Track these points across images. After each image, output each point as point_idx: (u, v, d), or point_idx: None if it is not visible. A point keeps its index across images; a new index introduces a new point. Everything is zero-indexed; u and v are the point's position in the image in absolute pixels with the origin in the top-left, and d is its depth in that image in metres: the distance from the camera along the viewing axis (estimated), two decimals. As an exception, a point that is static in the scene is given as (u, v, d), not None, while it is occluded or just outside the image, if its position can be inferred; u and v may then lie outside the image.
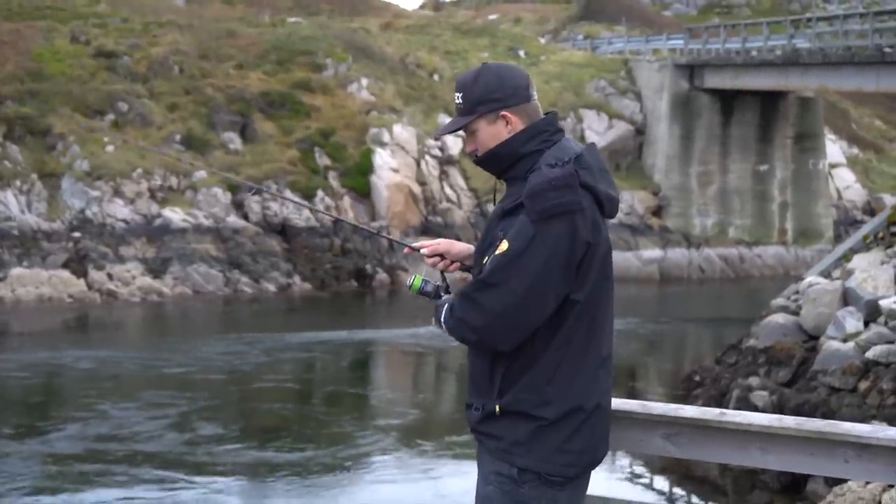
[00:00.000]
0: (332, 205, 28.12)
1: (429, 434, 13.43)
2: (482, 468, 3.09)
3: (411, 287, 3.26)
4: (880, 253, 14.36)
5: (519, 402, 2.99)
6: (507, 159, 3.03)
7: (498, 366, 3.03)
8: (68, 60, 30.00)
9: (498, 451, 3.02)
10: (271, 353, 19.09)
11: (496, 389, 3.02)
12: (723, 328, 20.98)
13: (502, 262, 2.88)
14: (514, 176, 3.02)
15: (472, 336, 2.97)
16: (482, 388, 3.07)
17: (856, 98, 40.06)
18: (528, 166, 2.99)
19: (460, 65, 34.62)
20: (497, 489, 3.01)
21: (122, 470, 11.64)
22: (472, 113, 3.08)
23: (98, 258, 24.99)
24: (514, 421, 3.00)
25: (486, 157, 3.06)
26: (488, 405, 3.05)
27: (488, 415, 3.04)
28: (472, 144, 3.12)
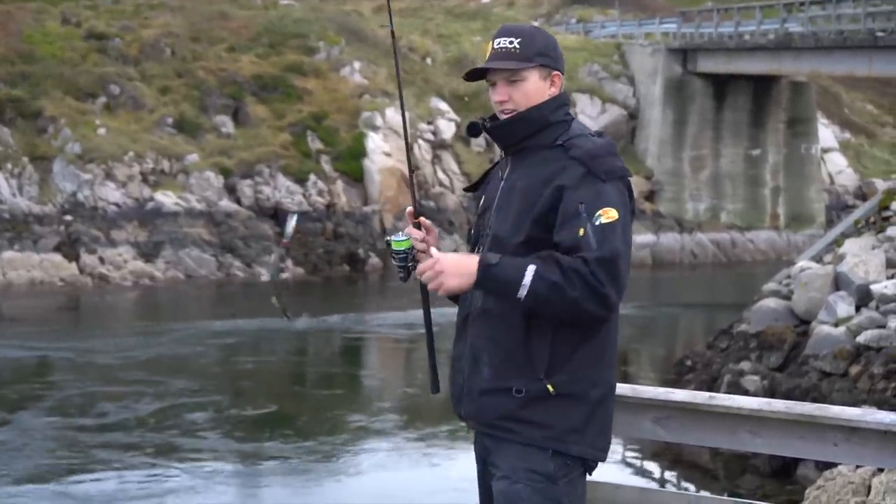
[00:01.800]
0: (324, 189, 28.07)
1: (422, 418, 13.45)
2: (504, 464, 2.83)
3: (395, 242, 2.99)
4: (871, 237, 14.39)
5: (577, 381, 2.80)
6: (536, 124, 2.88)
7: (539, 339, 2.79)
8: (59, 42, 29.85)
9: (544, 440, 2.78)
10: (263, 338, 19.08)
11: (543, 367, 2.78)
12: (714, 313, 21.02)
13: (615, 229, 2.72)
14: (535, 145, 2.89)
15: (603, 311, 2.71)
16: (519, 366, 2.80)
17: (848, 83, 40.05)
18: (554, 135, 2.88)
19: (453, 48, 34.54)
20: (528, 487, 2.78)
21: (112, 456, 11.64)
22: (531, 61, 2.88)
23: (90, 242, 24.93)
24: (570, 404, 2.79)
25: (520, 118, 2.89)
26: (534, 386, 2.78)
27: (535, 398, 2.78)
28: (505, 96, 2.91)
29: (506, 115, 2.91)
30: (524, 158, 2.91)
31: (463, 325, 2.95)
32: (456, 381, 2.96)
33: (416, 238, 2.98)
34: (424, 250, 2.96)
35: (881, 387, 11.07)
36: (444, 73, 32.92)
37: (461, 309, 2.98)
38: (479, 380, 2.85)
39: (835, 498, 7.29)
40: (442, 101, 31.67)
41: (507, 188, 2.92)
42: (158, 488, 10.62)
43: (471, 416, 2.90)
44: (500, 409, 2.81)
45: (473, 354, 2.88)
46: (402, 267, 2.99)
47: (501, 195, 2.93)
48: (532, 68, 2.88)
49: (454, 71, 33.23)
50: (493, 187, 3.02)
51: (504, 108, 2.91)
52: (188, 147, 27.88)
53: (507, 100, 2.91)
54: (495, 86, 2.92)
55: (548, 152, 2.86)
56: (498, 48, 2.90)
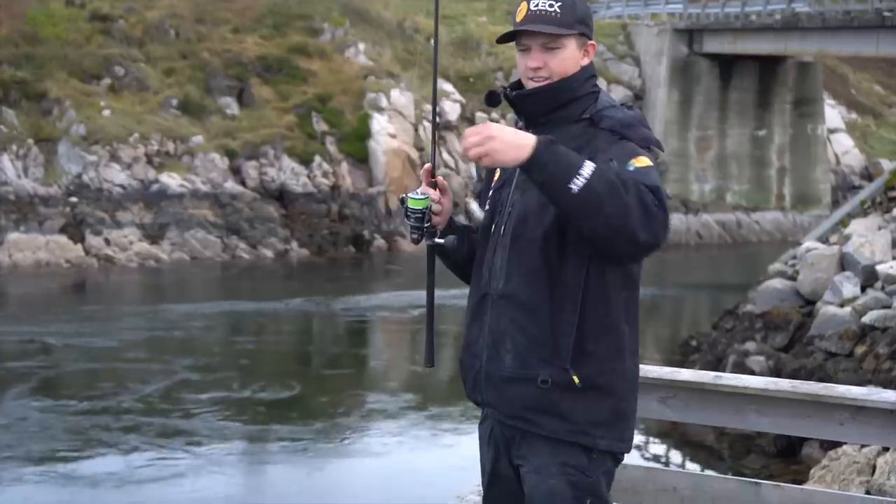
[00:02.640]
0: (329, 170, 28.05)
1: (429, 398, 13.47)
2: (535, 459, 2.68)
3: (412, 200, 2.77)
4: (878, 218, 14.36)
5: (603, 373, 2.65)
6: (567, 96, 2.72)
7: (565, 325, 2.63)
8: (63, 24, 29.78)
9: (569, 434, 2.64)
10: (269, 319, 19.11)
11: (568, 355, 2.63)
12: (720, 293, 21.02)
13: (650, 171, 2.57)
14: (562, 118, 2.72)
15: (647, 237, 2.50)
16: (544, 355, 2.64)
17: (855, 63, 39.87)
18: (582, 108, 2.73)
19: (458, 29, 34.41)
20: (564, 481, 2.64)
21: (118, 438, 11.67)
22: (572, 28, 2.70)
23: (95, 223, 24.95)
24: (595, 397, 2.65)
25: (554, 87, 2.70)
26: (560, 376, 2.63)
27: (561, 389, 2.63)
28: (541, 62, 2.71)
29: (537, 83, 2.73)
30: (548, 132, 2.68)
31: (479, 307, 2.78)
32: (471, 366, 2.79)
33: (434, 198, 2.81)
34: (438, 213, 2.82)
35: (887, 367, 11.06)
36: (450, 55, 32.82)
37: (476, 290, 2.81)
38: (501, 366, 2.69)
39: (840, 477, 7.31)
40: (447, 83, 31.59)
41: None
42: (165, 471, 10.66)
43: (492, 404, 2.74)
44: (525, 399, 2.66)
45: (493, 339, 2.71)
46: (416, 227, 2.79)
47: (523, 172, 2.71)
48: (571, 36, 2.71)
49: (459, 52, 33.14)
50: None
51: (538, 75, 2.72)
52: (193, 129, 27.86)
53: (543, 66, 2.71)
54: (528, 51, 2.72)
55: (574, 127, 2.70)
56: (535, 10, 2.69)
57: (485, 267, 2.78)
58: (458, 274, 2.98)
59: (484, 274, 2.78)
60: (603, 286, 2.67)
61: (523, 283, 2.67)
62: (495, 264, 2.74)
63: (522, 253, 2.68)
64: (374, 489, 10.25)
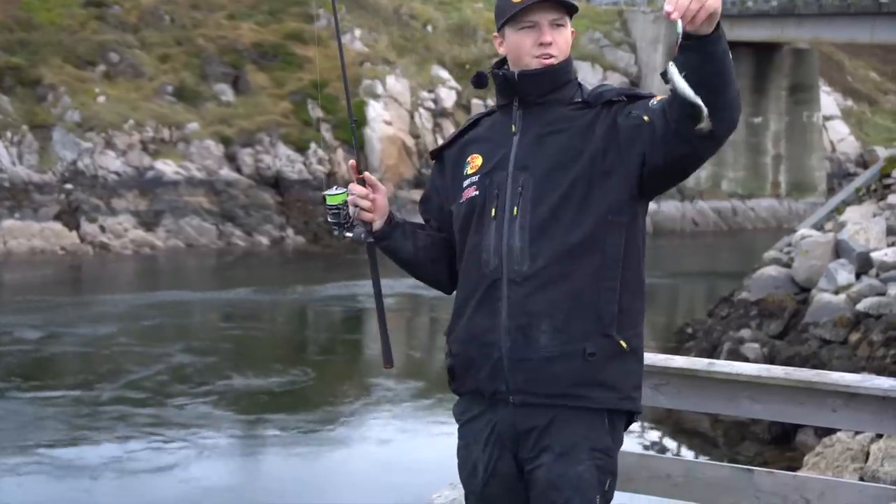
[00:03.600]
0: (324, 157, 28.02)
1: (426, 387, 13.48)
2: (563, 441, 2.62)
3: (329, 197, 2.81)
4: (872, 205, 14.38)
5: (638, 335, 2.69)
6: (563, 77, 2.73)
7: (608, 292, 2.63)
8: (58, 10, 29.68)
9: (618, 401, 2.64)
10: (264, 307, 19.11)
11: (613, 322, 2.62)
12: (715, 281, 21.05)
13: None
14: (557, 99, 2.73)
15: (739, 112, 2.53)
16: (586, 326, 2.62)
17: (850, 50, 39.85)
18: (573, 91, 2.75)
19: (454, 16, 34.34)
20: (592, 466, 2.63)
21: (112, 426, 11.67)
22: (570, 7, 2.73)
23: (90, 210, 24.92)
24: (635, 360, 2.68)
25: (558, 68, 2.71)
26: (607, 344, 2.62)
27: (609, 357, 2.62)
28: (549, 37, 2.70)
29: (547, 60, 2.69)
30: (542, 113, 2.73)
31: (488, 295, 2.68)
32: (485, 356, 2.67)
33: (359, 193, 2.80)
34: (370, 209, 2.80)
35: (881, 354, 11.09)
36: (446, 41, 32.76)
37: (477, 278, 2.71)
38: (535, 348, 2.61)
39: (834, 464, 7.33)
40: (443, 70, 31.53)
41: (529, 143, 2.71)
42: (159, 460, 10.64)
43: (524, 389, 2.63)
44: (572, 375, 2.60)
45: (520, 323, 2.62)
46: (334, 223, 2.82)
47: (521, 151, 2.71)
48: (568, 17, 2.75)
49: (455, 38, 33.08)
50: (494, 145, 2.77)
51: (547, 51, 2.70)
52: (188, 115, 27.80)
53: (553, 42, 2.70)
54: (533, 28, 2.70)
55: (566, 110, 2.71)
56: None
57: (488, 253, 2.69)
58: (411, 271, 2.94)
59: (490, 260, 2.68)
60: (635, 241, 2.70)
61: (556, 259, 2.62)
62: (513, 247, 2.65)
63: (550, 230, 2.63)
64: (371, 478, 10.26)
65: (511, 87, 2.75)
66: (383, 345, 2.96)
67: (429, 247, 2.89)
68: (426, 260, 2.89)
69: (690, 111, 2.39)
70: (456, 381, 2.82)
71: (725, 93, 2.47)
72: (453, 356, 2.79)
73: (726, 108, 2.48)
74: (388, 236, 2.84)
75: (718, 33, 2.41)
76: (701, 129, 2.42)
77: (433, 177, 2.97)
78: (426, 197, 2.98)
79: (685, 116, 2.43)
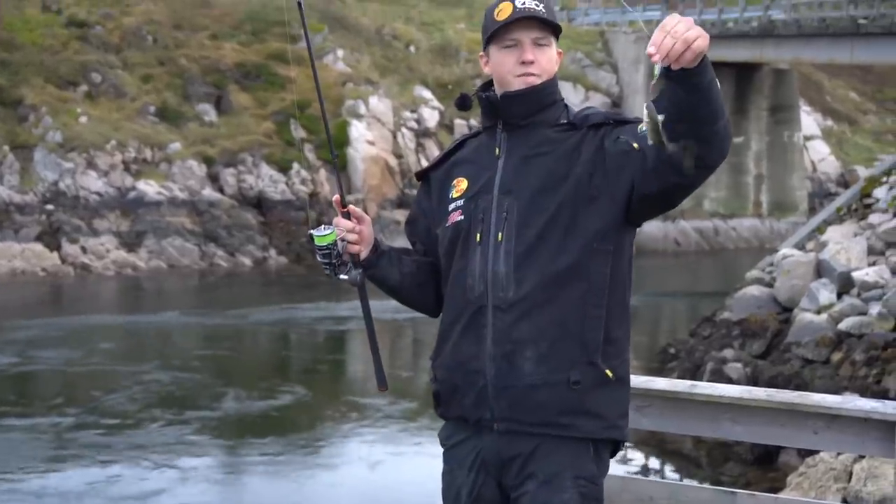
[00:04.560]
0: (307, 177, 28.00)
1: (411, 407, 13.43)
2: (547, 469, 2.60)
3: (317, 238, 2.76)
4: (853, 225, 14.45)
5: (624, 362, 2.68)
6: (548, 99, 2.71)
7: (593, 320, 2.61)
8: (40, 30, 29.63)
9: (603, 430, 2.62)
10: (247, 328, 19.03)
11: (598, 349, 2.60)
12: (698, 300, 21.09)
13: None
14: (542, 120, 2.70)
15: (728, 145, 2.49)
16: (571, 353, 2.59)
17: (830, 70, 40.17)
18: (558, 113, 2.72)
19: (437, 36, 34.44)
20: (576, 494, 2.60)
21: (93, 452, 11.53)
22: (554, 27, 2.71)
23: (71, 231, 24.81)
24: (620, 388, 2.66)
25: (542, 88, 2.68)
26: (592, 373, 2.60)
27: (594, 386, 2.60)
28: (531, 56, 2.67)
29: (529, 78, 2.67)
30: (527, 135, 2.70)
31: (473, 321, 2.66)
32: (470, 383, 2.66)
33: (346, 228, 2.78)
34: (357, 241, 2.78)
35: (863, 374, 11.12)
36: (428, 61, 32.84)
37: (462, 304, 2.69)
38: (520, 375, 2.59)
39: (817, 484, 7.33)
40: (426, 90, 31.60)
41: (514, 167, 2.68)
42: (140, 485, 10.50)
43: (508, 417, 2.62)
44: (557, 404, 2.58)
45: (505, 350, 2.60)
46: (326, 264, 2.78)
47: (506, 175, 2.67)
48: (553, 36, 2.71)
49: (438, 59, 33.17)
50: (478, 168, 2.74)
51: (529, 70, 2.67)
52: (171, 135, 27.76)
53: (535, 61, 2.67)
54: (515, 47, 2.67)
55: (551, 132, 2.69)
56: (523, 7, 2.65)
57: (473, 279, 2.67)
58: (397, 298, 2.92)
59: (475, 286, 2.66)
60: (621, 269, 2.68)
61: (541, 285, 2.59)
62: (497, 273, 2.63)
63: (535, 256, 2.61)
64: (356, 502, 10.19)
65: (495, 110, 2.72)
66: (377, 368, 2.94)
67: (415, 272, 2.87)
68: (412, 286, 2.87)
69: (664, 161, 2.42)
70: (441, 407, 2.81)
71: (714, 122, 2.43)
72: (439, 382, 2.78)
73: (715, 137, 2.45)
74: (375, 265, 2.83)
75: (704, 64, 2.36)
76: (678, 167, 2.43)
77: (420, 198, 2.93)
78: (412, 219, 2.95)
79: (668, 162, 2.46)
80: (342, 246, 2.78)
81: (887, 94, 41.78)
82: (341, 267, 2.78)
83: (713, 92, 2.40)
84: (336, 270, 2.78)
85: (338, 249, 2.76)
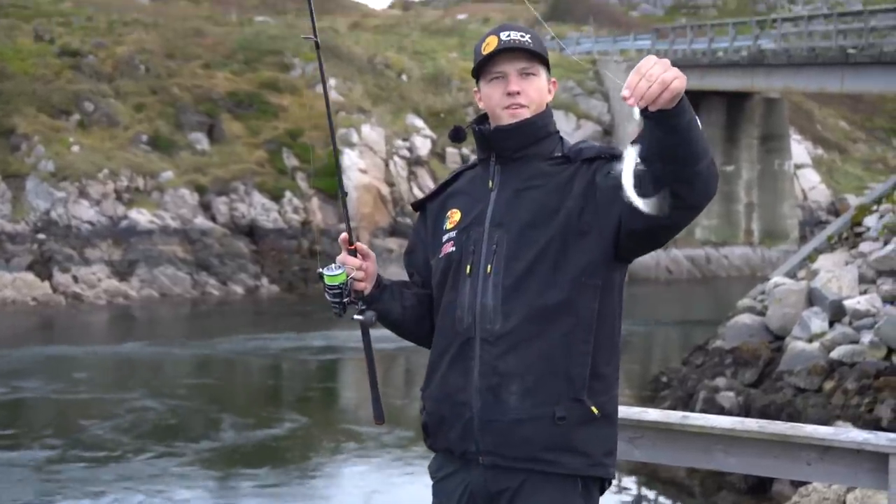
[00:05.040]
0: (300, 206, 28.00)
1: (403, 437, 13.37)
2: None
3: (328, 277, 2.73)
4: (844, 253, 14.48)
5: (611, 399, 2.64)
6: (541, 131, 2.70)
7: (579, 356, 2.59)
8: (32, 59, 29.69)
9: (588, 468, 2.59)
10: (239, 357, 18.96)
11: (584, 386, 2.58)
12: (690, 329, 21.08)
13: None
14: (536, 153, 2.70)
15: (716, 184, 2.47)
16: (557, 389, 2.57)
17: (820, 99, 40.41)
18: (552, 146, 2.72)
19: (429, 65, 34.58)
20: None
21: (84, 482, 11.45)
22: (544, 57, 2.71)
23: (63, 260, 24.74)
24: (607, 425, 2.63)
25: (532, 121, 2.68)
26: (577, 409, 2.58)
27: (580, 422, 2.58)
28: (520, 87, 2.67)
29: (515, 109, 2.67)
30: (519, 168, 2.69)
31: (461, 353, 2.66)
32: (457, 415, 2.65)
33: (354, 266, 2.77)
34: (363, 279, 2.78)
35: (855, 402, 11.11)
36: (420, 90, 32.95)
37: (451, 335, 2.68)
38: (505, 409, 2.58)
39: (810, 514, 7.30)
40: (418, 118, 31.69)
41: (506, 200, 2.67)
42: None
43: (493, 451, 2.60)
44: (542, 439, 2.56)
45: (491, 384, 2.59)
46: (336, 303, 2.76)
47: (498, 207, 2.67)
48: (542, 66, 2.71)
49: (430, 87, 33.29)
50: (472, 200, 2.74)
51: (516, 101, 2.67)
52: (163, 164, 27.77)
53: (521, 92, 2.67)
54: (502, 78, 2.68)
55: (545, 165, 2.68)
56: (508, 39, 2.66)
57: (462, 310, 2.66)
58: (398, 331, 2.91)
59: (463, 317, 2.66)
60: (610, 305, 2.67)
61: (528, 319, 2.58)
62: (486, 305, 2.62)
63: (523, 289, 2.59)
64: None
65: (488, 143, 2.72)
66: (374, 402, 2.90)
67: (415, 306, 2.86)
68: (413, 319, 2.87)
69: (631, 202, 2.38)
70: (430, 438, 2.79)
71: (695, 163, 2.40)
72: (427, 413, 2.77)
73: (697, 178, 2.42)
74: (378, 299, 2.83)
75: (682, 105, 2.32)
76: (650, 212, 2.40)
77: (418, 228, 2.92)
78: (411, 249, 2.95)
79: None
80: (350, 283, 2.77)
81: (877, 122, 42.03)
82: (351, 306, 2.77)
83: (693, 132, 2.36)
84: (345, 309, 2.77)
85: (348, 288, 2.75)
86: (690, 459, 3.89)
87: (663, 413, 3.85)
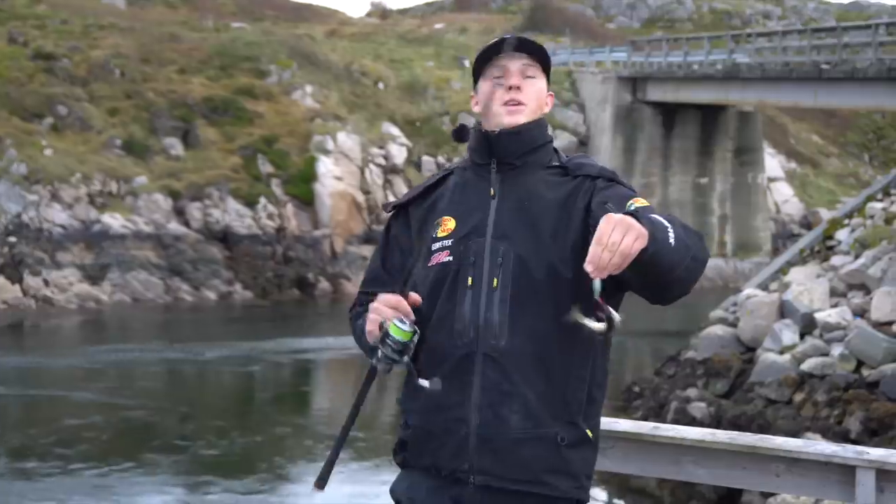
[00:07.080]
0: (274, 212, 27.93)
1: (379, 445, 13.34)
2: None
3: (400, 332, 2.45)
4: (816, 266, 14.60)
5: (599, 423, 2.63)
6: (539, 139, 2.64)
7: (577, 381, 2.54)
8: (6, 62, 29.48)
9: (574, 490, 2.55)
10: (211, 363, 18.87)
11: (580, 409, 2.54)
12: (662, 340, 21.17)
13: (654, 209, 2.44)
14: (535, 161, 2.62)
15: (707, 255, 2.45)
16: (556, 410, 2.52)
17: (794, 113, 40.73)
18: (549, 155, 2.66)
19: (405, 73, 34.61)
20: None
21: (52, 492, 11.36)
22: (544, 64, 2.68)
23: (34, 264, 24.55)
24: (592, 449, 2.59)
25: (534, 126, 2.64)
26: (573, 432, 2.53)
27: (575, 444, 2.53)
28: (520, 82, 2.62)
29: (514, 106, 2.60)
30: (520, 177, 2.60)
31: (460, 367, 2.52)
32: (452, 432, 2.52)
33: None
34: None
35: (825, 414, 11.19)
36: (397, 98, 32.97)
37: (449, 348, 2.53)
38: (506, 428, 2.48)
39: (779, 526, 7.35)
40: (394, 126, 31.70)
41: (509, 211, 2.57)
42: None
43: (490, 471, 2.50)
44: (543, 461, 2.49)
45: (492, 400, 2.49)
46: (391, 359, 2.48)
47: (501, 218, 2.57)
48: (543, 72, 2.67)
49: (406, 96, 33.31)
50: (468, 208, 2.61)
51: (515, 97, 2.61)
52: (137, 169, 27.63)
53: (521, 88, 2.61)
54: (502, 76, 2.63)
55: (544, 173, 2.61)
56: (511, 37, 2.66)
57: (463, 324, 2.53)
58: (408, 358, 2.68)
59: (464, 331, 2.52)
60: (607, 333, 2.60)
61: (534, 337, 2.49)
62: (490, 320, 2.50)
63: (528, 306, 2.50)
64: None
65: (489, 147, 2.62)
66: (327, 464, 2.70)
67: None
68: None
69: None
70: (407, 454, 2.63)
71: (670, 273, 2.36)
72: (411, 428, 2.61)
73: (676, 282, 2.41)
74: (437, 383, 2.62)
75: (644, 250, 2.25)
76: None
77: (394, 231, 2.73)
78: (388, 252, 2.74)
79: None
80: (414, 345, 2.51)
81: (850, 137, 42.40)
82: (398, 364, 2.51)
83: (661, 257, 2.29)
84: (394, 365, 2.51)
85: (412, 349, 2.49)
86: (661, 470, 3.89)
87: (634, 423, 3.85)
